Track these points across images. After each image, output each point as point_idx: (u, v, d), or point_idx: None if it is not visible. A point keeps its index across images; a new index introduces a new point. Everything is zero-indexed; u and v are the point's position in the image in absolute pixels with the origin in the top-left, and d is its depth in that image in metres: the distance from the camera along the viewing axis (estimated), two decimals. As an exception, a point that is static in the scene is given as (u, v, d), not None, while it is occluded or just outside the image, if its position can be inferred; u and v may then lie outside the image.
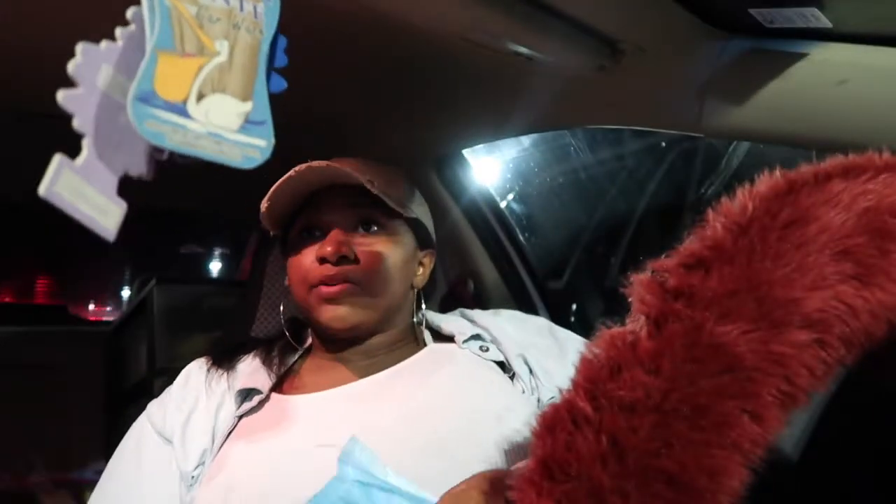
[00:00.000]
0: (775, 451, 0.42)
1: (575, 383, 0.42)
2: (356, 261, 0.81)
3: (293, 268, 0.85)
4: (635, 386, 0.40)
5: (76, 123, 0.42)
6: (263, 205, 0.82)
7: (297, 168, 0.80)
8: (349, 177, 0.80)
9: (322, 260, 0.81)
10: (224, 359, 0.88)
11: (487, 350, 0.88)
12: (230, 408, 0.81)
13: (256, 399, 0.81)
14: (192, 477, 0.78)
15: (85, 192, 0.42)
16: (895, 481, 0.66)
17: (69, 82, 0.43)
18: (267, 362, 0.86)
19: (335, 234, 0.82)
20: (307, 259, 0.83)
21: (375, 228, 0.85)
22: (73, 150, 0.42)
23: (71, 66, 0.42)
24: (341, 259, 0.80)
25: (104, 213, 0.43)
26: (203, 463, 0.79)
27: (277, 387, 0.84)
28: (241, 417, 0.80)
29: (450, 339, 0.91)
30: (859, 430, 0.70)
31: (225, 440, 0.79)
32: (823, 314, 0.40)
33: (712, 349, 0.40)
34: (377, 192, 0.80)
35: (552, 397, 0.84)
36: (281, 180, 0.81)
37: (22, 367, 1.80)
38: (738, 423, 0.39)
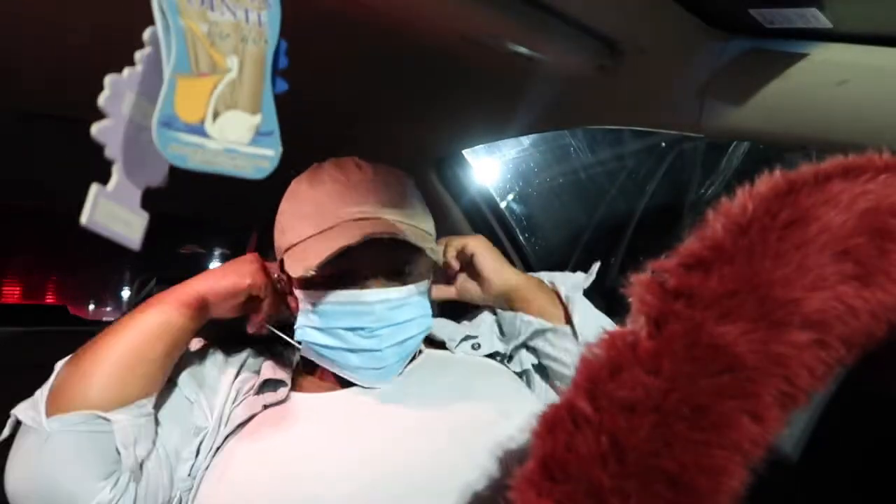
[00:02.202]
0: (775, 451, 0.42)
1: (575, 383, 0.42)
2: None
3: None
4: (635, 386, 0.40)
5: (107, 153, 0.45)
6: (309, 272, 0.77)
7: (352, 238, 0.75)
8: (412, 237, 0.77)
9: None
10: (231, 340, 0.89)
11: (479, 347, 0.89)
12: (247, 387, 0.82)
13: (283, 392, 0.81)
14: (214, 445, 0.78)
15: (117, 213, 0.45)
16: (894, 482, 0.66)
17: (70, 83, 0.44)
18: (280, 356, 0.87)
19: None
20: None
21: (409, 273, 0.83)
22: (74, 150, 0.43)
23: (101, 100, 0.45)
24: None
25: (130, 227, 0.46)
26: (218, 422, 0.79)
27: (293, 383, 0.85)
28: (265, 406, 0.81)
29: (440, 344, 0.92)
30: (859, 431, 0.70)
31: (245, 424, 0.79)
32: (823, 314, 0.40)
33: (712, 349, 0.40)
34: (433, 256, 0.80)
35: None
36: (337, 250, 0.75)
37: (22, 367, 1.80)
38: (738, 424, 0.39)
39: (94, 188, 0.44)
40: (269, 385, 0.82)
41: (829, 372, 0.41)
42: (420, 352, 0.90)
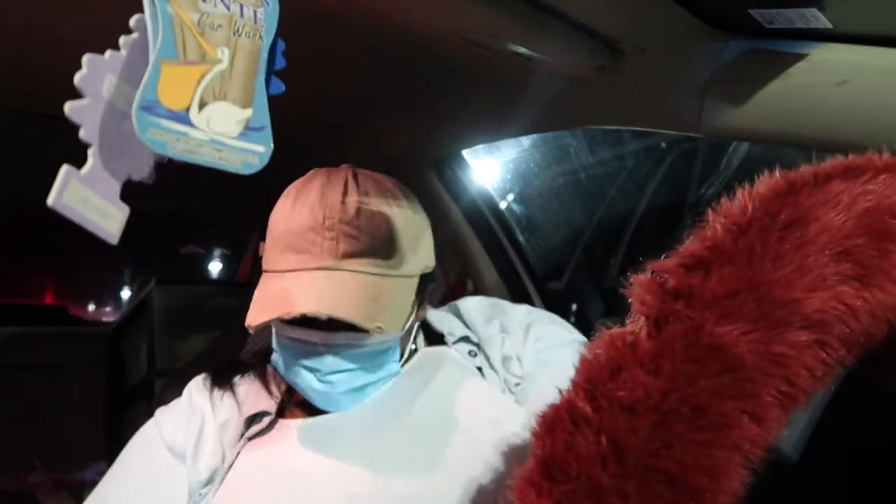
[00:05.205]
0: (775, 451, 0.42)
1: (575, 384, 0.42)
2: None
3: None
4: (635, 386, 0.40)
5: (82, 134, 0.43)
6: (249, 328, 0.74)
7: (286, 310, 0.72)
8: (361, 324, 0.72)
9: None
10: (223, 378, 0.88)
11: (476, 356, 0.87)
12: (236, 429, 0.81)
13: (266, 420, 0.80)
14: (200, 494, 0.78)
15: (90, 199, 0.43)
16: (894, 482, 0.66)
17: (73, 85, 0.43)
18: (266, 384, 0.86)
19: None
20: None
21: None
22: (75, 152, 0.43)
23: (77, 78, 0.43)
24: None
25: (108, 218, 0.44)
26: (213, 481, 0.78)
27: (280, 409, 0.84)
28: (249, 439, 0.80)
29: (441, 336, 0.90)
30: (859, 431, 0.70)
31: (233, 462, 0.79)
32: (823, 315, 0.40)
33: (712, 350, 0.40)
34: (382, 335, 0.75)
35: (517, 384, 0.83)
36: (265, 321, 0.72)
37: (22, 367, 1.80)
38: (737, 424, 0.39)
39: (65, 169, 0.41)
40: (256, 419, 0.82)
41: (829, 372, 0.41)
42: (415, 350, 0.88)
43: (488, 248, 1.39)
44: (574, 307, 1.93)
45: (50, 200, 0.40)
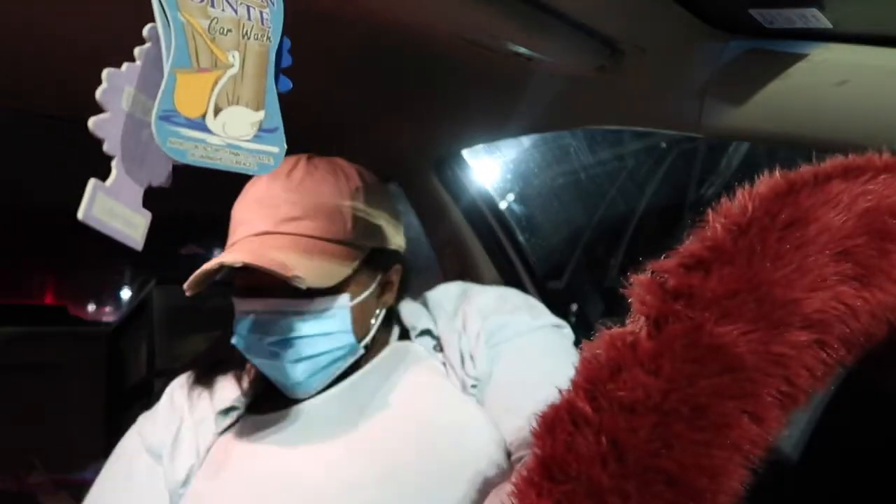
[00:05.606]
0: (775, 451, 0.42)
1: (575, 384, 0.42)
2: None
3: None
4: (635, 386, 0.40)
5: (106, 147, 0.44)
6: (187, 292, 0.77)
7: (211, 266, 0.74)
8: (275, 272, 0.71)
9: None
10: (204, 376, 0.88)
11: (441, 350, 0.84)
12: (210, 426, 0.82)
13: (235, 415, 0.82)
14: (179, 494, 0.79)
15: (116, 209, 0.45)
16: (894, 482, 0.66)
17: (72, 83, 0.44)
18: (241, 379, 0.86)
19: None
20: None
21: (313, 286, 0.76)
22: (74, 150, 0.43)
23: (98, 93, 0.44)
24: None
25: (132, 227, 0.47)
26: (189, 479, 0.79)
27: (254, 403, 0.84)
28: (220, 435, 0.81)
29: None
30: (859, 431, 0.70)
31: (204, 459, 0.80)
32: (823, 315, 0.40)
33: (712, 350, 0.40)
34: (304, 286, 0.73)
35: (474, 385, 0.80)
36: (196, 275, 0.75)
37: (22, 367, 1.80)
38: (737, 424, 0.39)
39: (92, 183, 0.43)
40: (226, 414, 0.83)
41: (829, 372, 0.42)
42: (386, 345, 0.87)
43: (488, 248, 1.39)
44: (574, 307, 1.93)
45: (80, 214, 0.42)
